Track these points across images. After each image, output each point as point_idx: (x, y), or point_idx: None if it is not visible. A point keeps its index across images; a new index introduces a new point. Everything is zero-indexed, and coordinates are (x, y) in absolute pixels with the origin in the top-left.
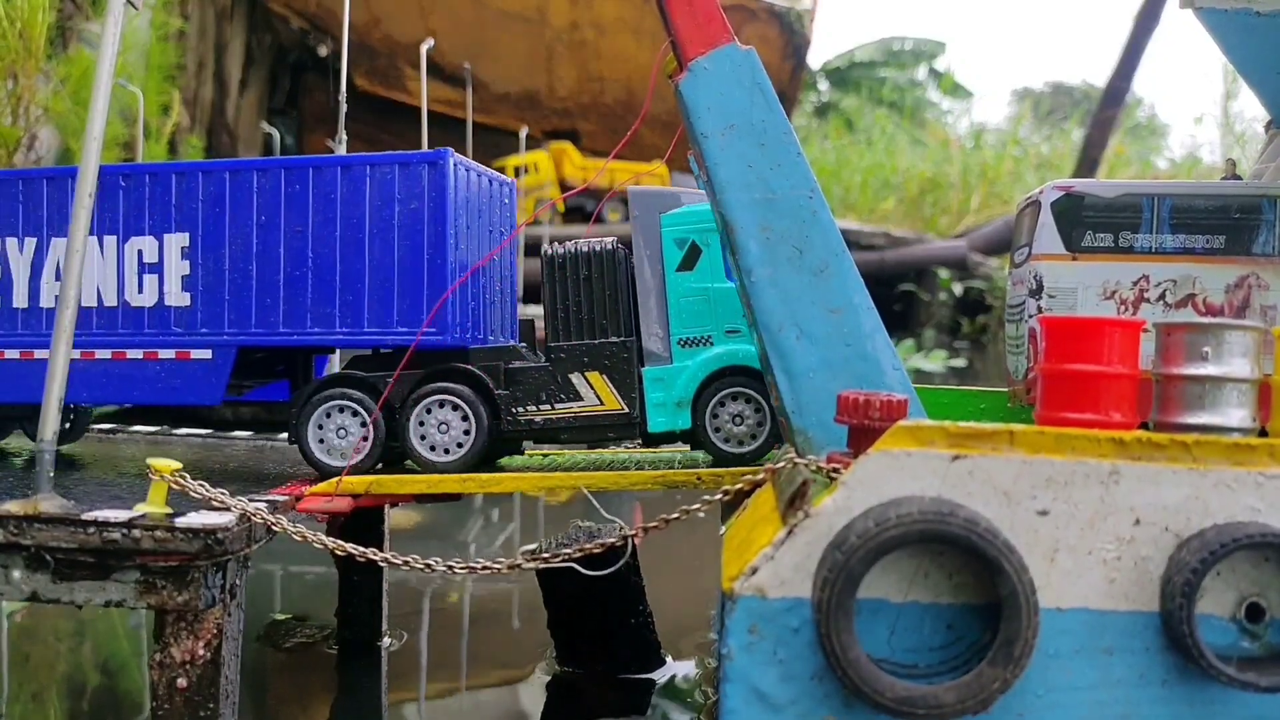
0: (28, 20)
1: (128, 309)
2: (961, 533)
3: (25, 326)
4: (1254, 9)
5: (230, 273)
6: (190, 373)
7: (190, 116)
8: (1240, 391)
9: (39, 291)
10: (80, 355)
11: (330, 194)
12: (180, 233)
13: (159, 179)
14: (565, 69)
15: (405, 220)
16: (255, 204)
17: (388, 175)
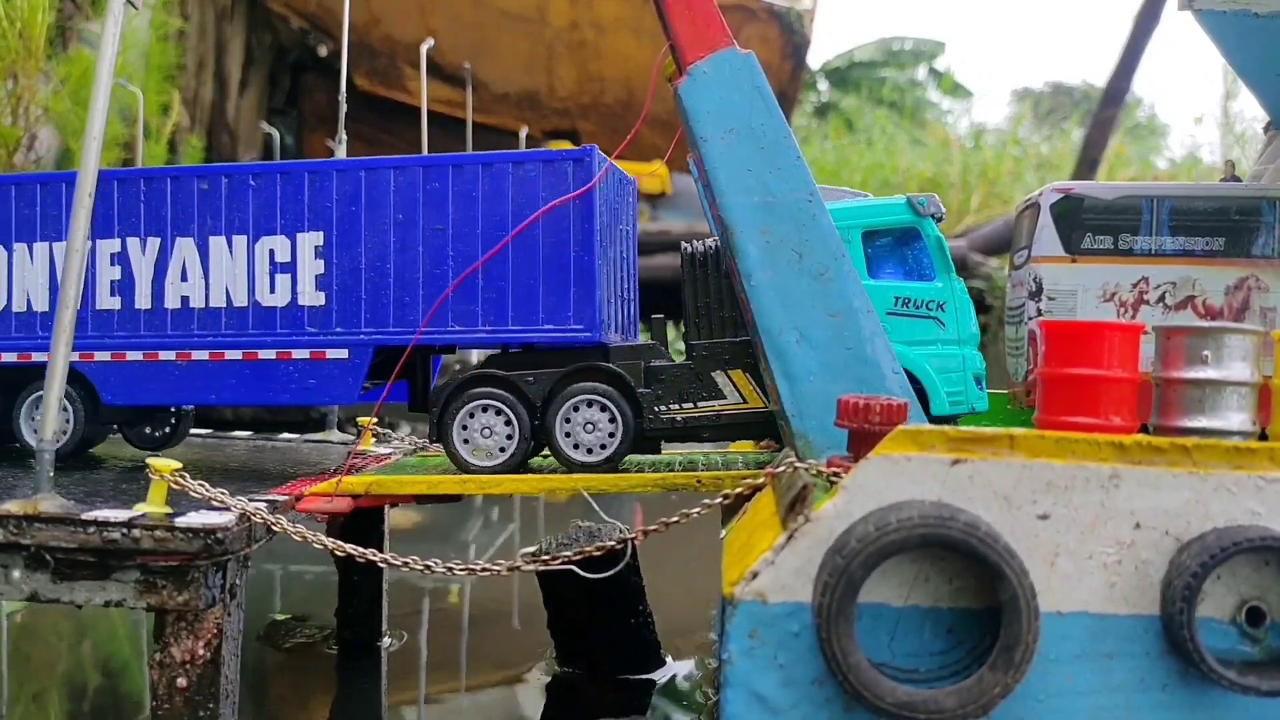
0: (28, 20)
1: (259, 309)
2: (962, 537)
3: (148, 328)
4: (1253, 11)
5: (366, 271)
6: (326, 373)
7: (190, 116)
8: (1240, 395)
9: (163, 292)
10: (209, 356)
11: (471, 192)
12: (314, 232)
13: (291, 178)
14: (565, 69)
15: (550, 218)
16: (392, 202)
17: (532, 173)
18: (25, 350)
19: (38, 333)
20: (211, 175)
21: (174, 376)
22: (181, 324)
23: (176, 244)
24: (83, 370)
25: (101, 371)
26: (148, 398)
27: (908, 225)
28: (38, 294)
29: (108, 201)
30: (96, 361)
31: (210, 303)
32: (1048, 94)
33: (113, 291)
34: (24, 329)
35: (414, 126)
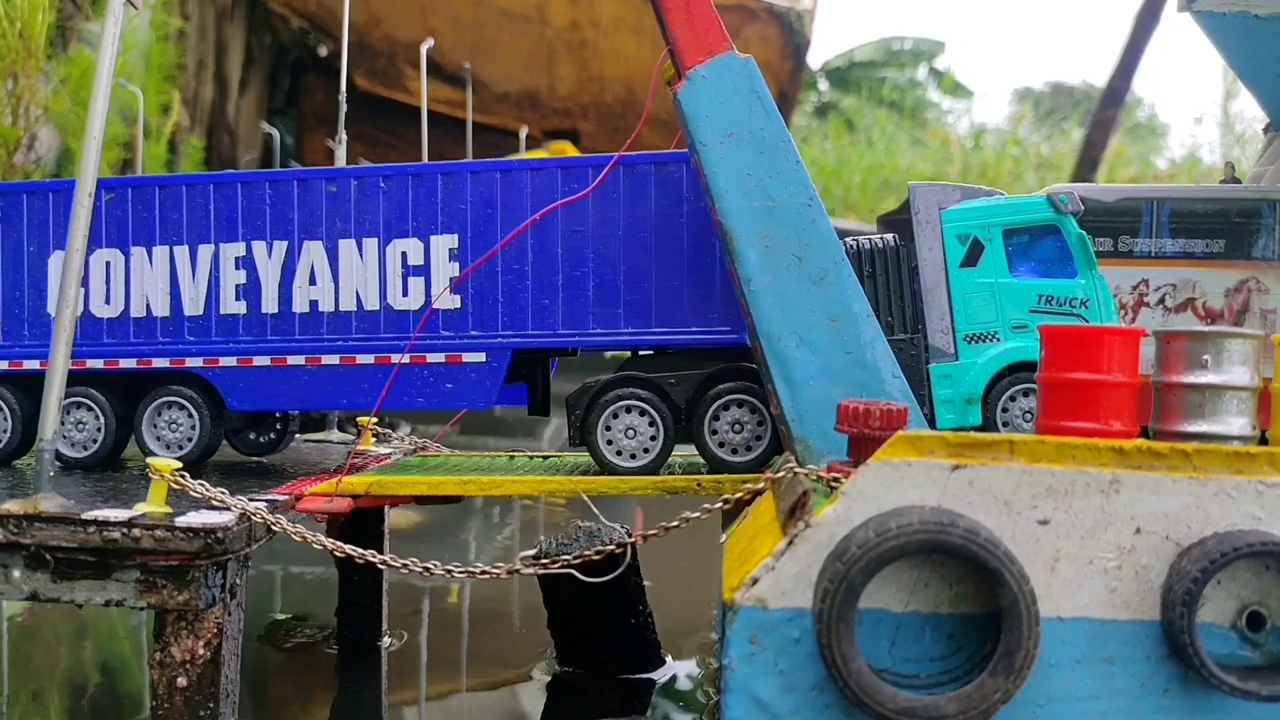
0: (28, 20)
1: (391, 312)
2: (962, 543)
3: (275, 332)
4: (1252, 12)
5: (503, 274)
6: (463, 376)
7: (190, 116)
8: (1240, 399)
9: (291, 296)
10: (340, 361)
11: (611, 193)
12: (448, 234)
13: (423, 180)
14: (565, 69)
15: (694, 218)
16: (529, 204)
17: (674, 174)
18: (145, 356)
19: (158, 338)
20: (340, 177)
21: (303, 381)
22: (310, 328)
23: (304, 247)
24: (206, 376)
25: (226, 377)
26: (275, 403)
27: (1048, 223)
28: (157, 298)
29: (231, 204)
30: (221, 367)
31: (340, 306)
32: (1048, 94)
33: (238, 296)
34: (143, 334)
35: (414, 126)
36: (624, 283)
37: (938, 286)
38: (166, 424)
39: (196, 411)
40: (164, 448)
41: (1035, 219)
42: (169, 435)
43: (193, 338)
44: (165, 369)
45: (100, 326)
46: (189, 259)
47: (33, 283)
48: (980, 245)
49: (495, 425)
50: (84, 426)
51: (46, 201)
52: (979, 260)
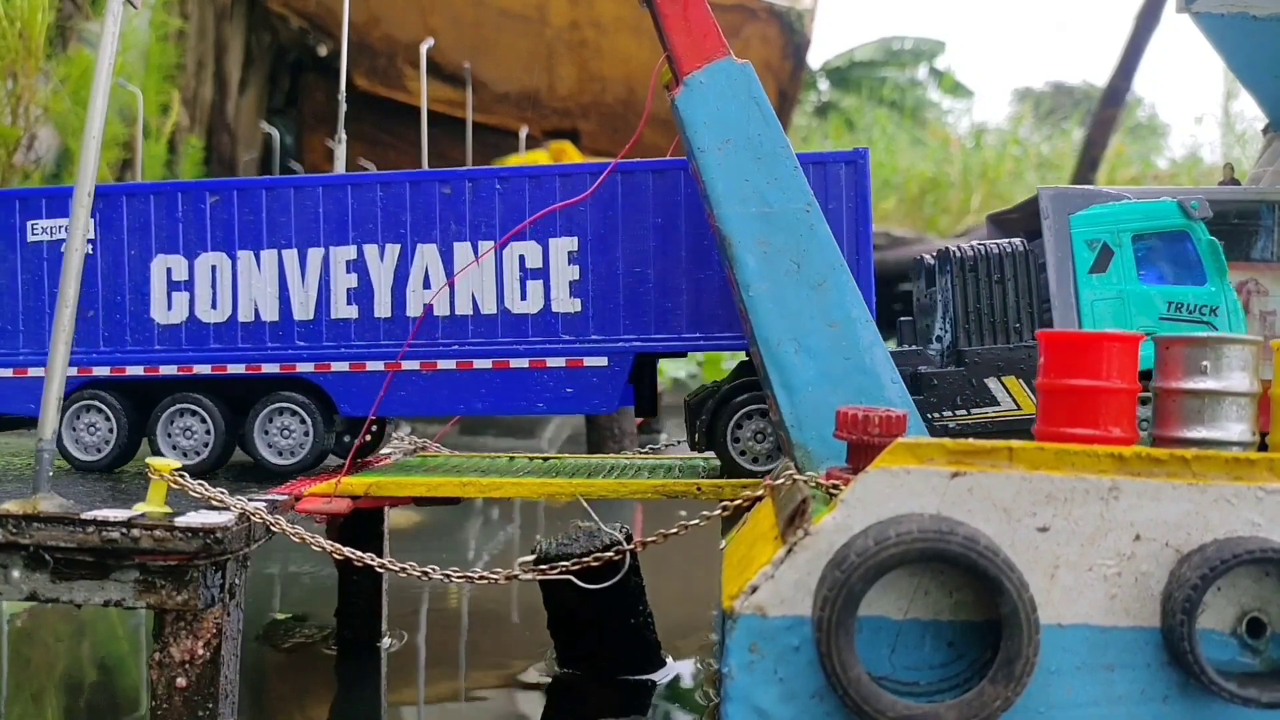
0: (28, 20)
1: (508, 316)
2: (961, 551)
3: (389, 337)
4: (1251, 14)
5: (625, 277)
6: (584, 381)
7: (190, 116)
8: (1239, 405)
9: (404, 300)
10: (457, 366)
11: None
12: (567, 237)
13: (541, 182)
14: (565, 69)
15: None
16: (651, 206)
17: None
18: (254, 362)
19: (266, 343)
20: (455, 179)
21: (419, 387)
22: (425, 332)
23: (418, 250)
24: (318, 382)
25: (339, 382)
26: (390, 409)
27: (1179, 228)
28: (266, 303)
29: (342, 207)
30: (333, 372)
31: (456, 310)
32: (1048, 94)
33: (349, 300)
34: (251, 339)
35: (414, 126)
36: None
37: (1066, 292)
38: (278, 430)
39: (309, 417)
40: (275, 454)
41: (1166, 224)
42: (281, 441)
43: (303, 343)
44: (275, 375)
45: (206, 332)
46: (298, 263)
47: (134, 287)
48: (1109, 251)
49: (496, 425)
50: (192, 433)
51: (148, 204)
52: (1108, 266)
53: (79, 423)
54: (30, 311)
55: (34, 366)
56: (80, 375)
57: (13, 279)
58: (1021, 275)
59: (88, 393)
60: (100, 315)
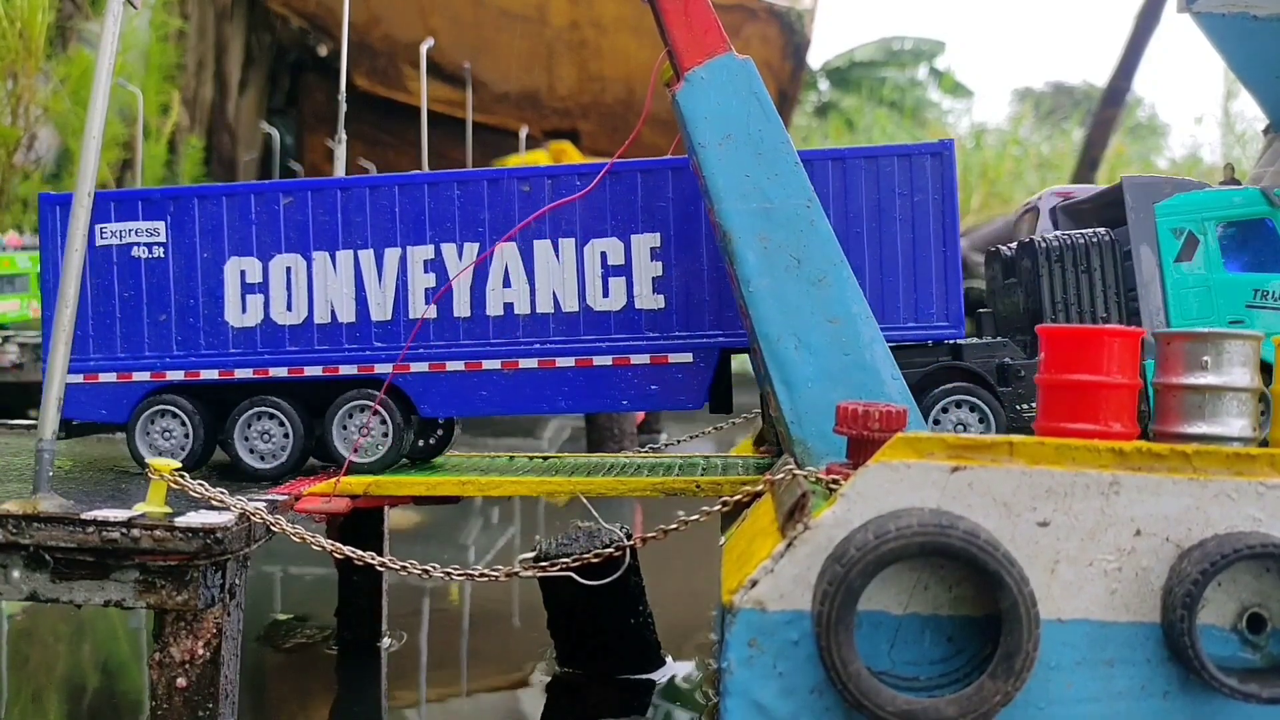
0: (28, 20)
1: (590, 314)
2: (961, 545)
3: (469, 336)
4: (1251, 14)
5: (709, 273)
6: (669, 378)
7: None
8: (1240, 401)
9: (484, 299)
10: (538, 365)
11: (821, 189)
12: (649, 233)
13: (622, 179)
14: (565, 69)
15: (908, 212)
16: None
17: (888, 168)
18: (331, 363)
19: (343, 345)
20: (534, 177)
21: (500, 386)
22: (505, 331)
23: (498, 250)
24: (397, 383)
25: (419, 383)
26: (470, 409)
27: (1263, 216)
28: (342, 304)
29: (419, 206)
30: (413, 373)
31: (537, 309)
32: (1048, 94)
33: (427, 300)
34: (328, 341)
35: (414, 126)
36: None
37: (1152, 281)
38: (357, 430)
39: (389, 418)
40: (353, 453)
41: (1251, 212)
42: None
43: (381, 344)
44: (353, 376)
45: (282, 334)
46: (375, 263)
47: (208, 290)
48: (1195, 239)
49: (495, 425)
50: (270, 436)
51: (220, 206)
52: (1194, 254)
53: (153, 428)
54: (100, 316)
55: (105, 372)
56: (153, 380)
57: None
58: (1108, 265)
59: (164, 397)
60: (173, 319)
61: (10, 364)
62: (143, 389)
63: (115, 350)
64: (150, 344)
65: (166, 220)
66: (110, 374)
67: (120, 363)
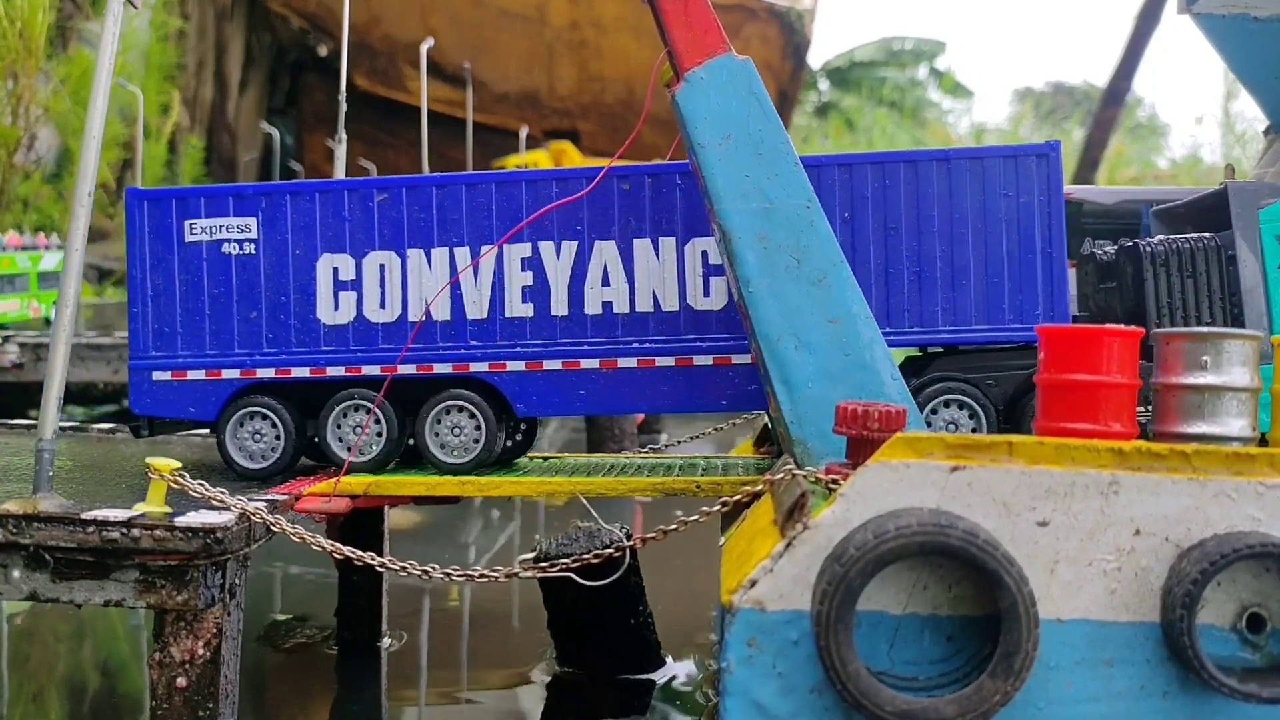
0: (28, 20)
1: (691, 313)
2: (961, 545)
3: (566, 335)
4: (1251, 15)
5: None
6: None
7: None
8: (1240, 401)
9: (582, 298)
10: (638, 364)
11: (926, 189)
12: None
13: None
14: (565, 69)
15: (1013, 213)
16: (837, 200)
17: (992, 169)
18: (426, 362)
19: (438, 343)
20: (634, 176)
21: (598, 385)
22: (604, 330)
23: (595, 247)
24: (493, 381)
25: (515, 382)
26: (566, 408)
27: None
28: (437, 302)
29: (515, 204)
30: (509, 372)
31: (636, 308)
32: (1048, 94)
33: (524, 299)
34: (422, 339)
35: (414, 126)
36: (940, 279)
37: (1256, 287)
38: (449, 429)
39: (482, 417)
40: (448, 453)
41: None
42: (452, 440)
43: (476, 342)
44: (448, 375)
45: (375, 332)
46: (469, 261)
47: (299, 287)
48: None
49: None
50: (362, 432)
51: (312, 203)
52: None
53: (243, 430)
54: (189, 313)
55: (193, 369)
56: (243, 378)
57: (170, 280)
58: (1214, 270)
59: (255, 398)
60: (263, 316)
61: (10, 364)
62: (231, 386)
63: (204, 347)
64: (240, 341)
65: (258, 216)
66: (199, 371)
67: (209, 360)
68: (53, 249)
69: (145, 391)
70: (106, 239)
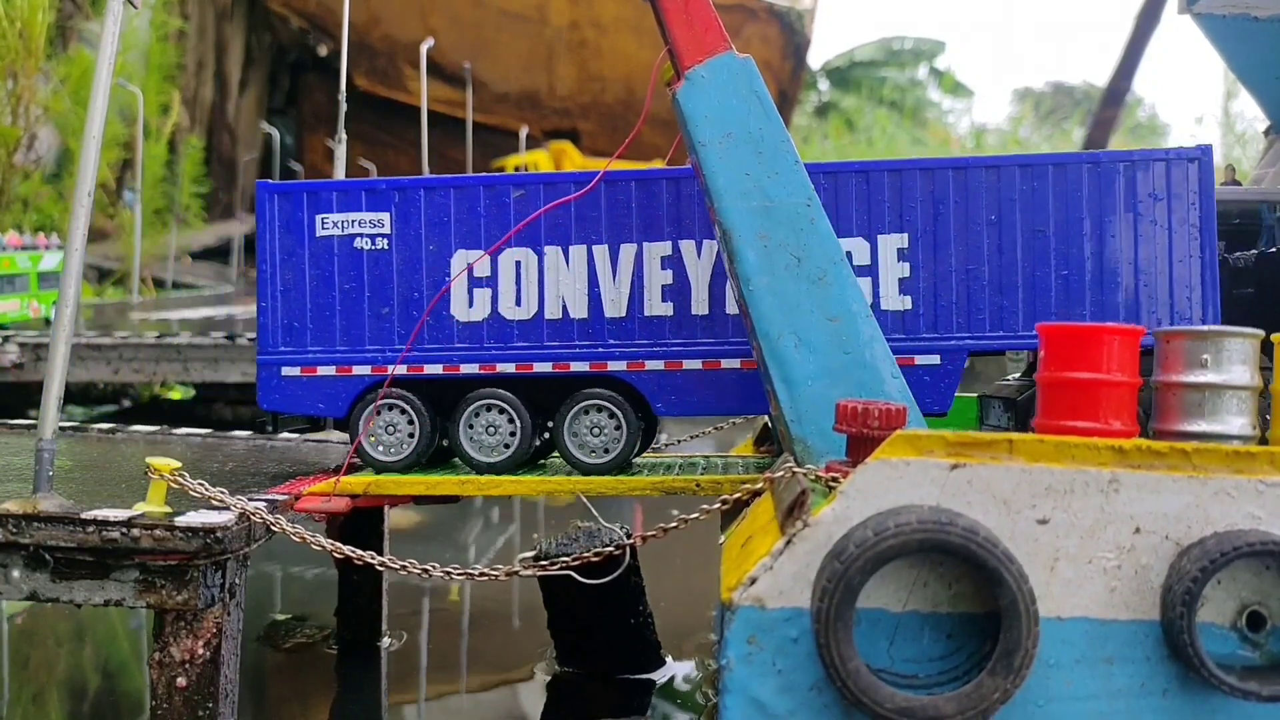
0: (28, 20)
1: None
2: (961, 542)
3: (707, 334)
4: (1252, 15)
5: (957, 274)
6: (915, 380)
7: (190, 116)
8: (1240, 399)
9: (723, 297)
10: None
11: (1076, 192)
12: (896, 234)
13: (869, 177)
14: (565, 69)
15: (1165, 216)
16: (984, 202)
17: (1144, 172)
18: (562, 360)
19: (575, 341)
20: None
21: (737, 386)
22: (745, 330)
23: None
24: (631, 381)
25: (654, 381)
26: (705, 408)
27: None
28: (575, 300)
29: (657, 203)
30: (648, 371)
31: None
32: (1048, 94)
33: (664, 298)
34: (559, 337)
35: (414, 126)
36: (1088, 281)
37: None
38: (587, 428)
39: (623, 416)
40: (586, 453)
41: None
42: (591, 440)
43: (615, 341)
44: (584, 373)
45: (511, 330)
46: (609, 259)
47: (433, 283)
48: None
49: None
50: (496, 430)
51: (448, 198)
52: None
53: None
54: (319, 308)
55: (323, 365)
56: (374, 374)
57: (301, 275)
58: None
59: (391, 390)
60: (395, 312)
61: (10, 364)
62: (362, 383)
63: (334, 343)
64: (372, 337)
65: (391, 211)
66: (329, 367)
67: (340, 356)
68: (53, 249)
69: (274, 387)
70: (106, 239)
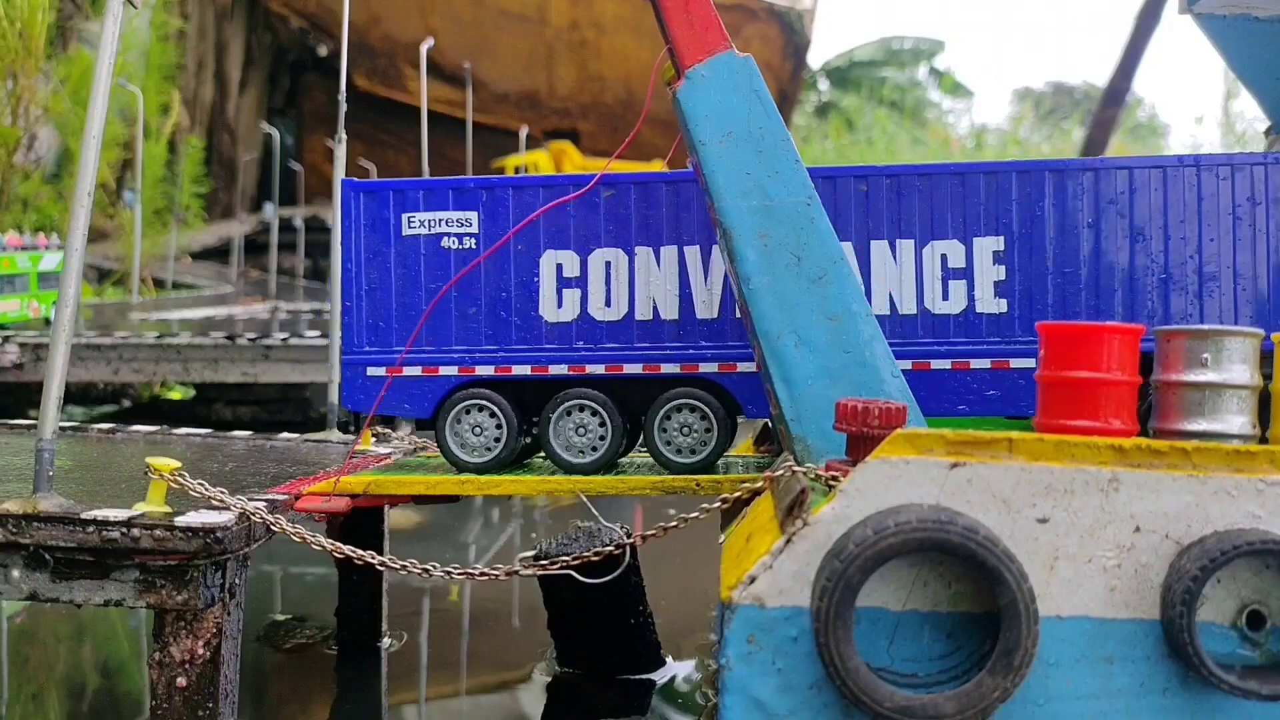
0: (28, 20)
1: (929, 317)
2: (960, 541)
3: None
4: (1253, 15)
5: (1054, 277)
6: (1010, 383)
7: (190, 116)
8: (1240, 398)
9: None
10: None
11: (1175, 195)
12: (991, 236)
13: (965, 179)
14: (565, 69)
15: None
16: (1083, 205)
17: (1245, 175)
18: (652, 361)
19: (665, 343)
20: (872, 176)
21: None
22: None
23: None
24: (722, 382)
25: (744, 383)
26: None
27: None
28: (665, 301)
29: None
30: (739, 373)
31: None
32: (1048, 94)
33: None
34: (649, 338)
35: (414, 126)
36: (1191, 283)
37: None
38: (677, 428)
39: (714, 417)
40: (675, 453)
41: None
42: (680, 440)
43: (706, 343)
44: (675, 375)
45: (600, 330)
46: (700, 260)
47: (521, 283)
48: None
49: None
50: (585, 431)
51: (536, 197)
52: None
53: (465, 420)
54: (405, 308)
55: (409, 366)
56: (461, 375)
57: (387, 274)
58: None
59: (477, 392)
60: (483, 312)
61: (10, 364)
62: (449, 383)
63: (420, 343)
64: (458, 338)
65: (479, 210)
66: (415, 368)
67: (426, 356)
68: (53, 249)
69: (359, 387)
70: (106, 239)
